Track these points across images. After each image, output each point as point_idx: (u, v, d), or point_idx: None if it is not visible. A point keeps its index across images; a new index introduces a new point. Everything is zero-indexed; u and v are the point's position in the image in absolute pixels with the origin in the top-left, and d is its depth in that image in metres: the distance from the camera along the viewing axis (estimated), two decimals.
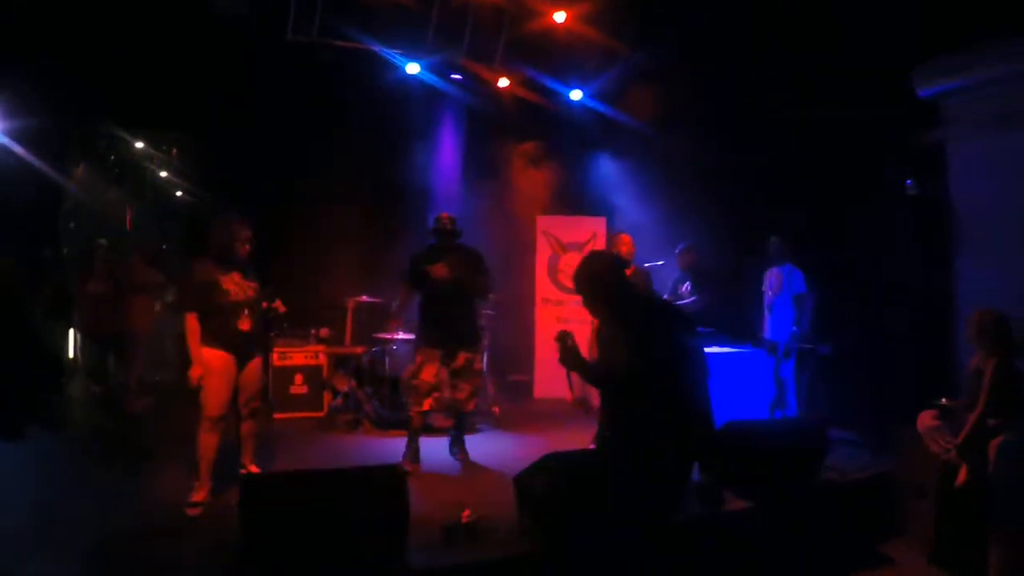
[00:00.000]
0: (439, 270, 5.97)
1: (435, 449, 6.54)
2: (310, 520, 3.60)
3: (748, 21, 7.65)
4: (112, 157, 10.63)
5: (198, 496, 4.94)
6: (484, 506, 4.61)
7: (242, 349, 5.09)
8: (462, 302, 6.18)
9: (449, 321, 6.12)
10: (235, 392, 5.11)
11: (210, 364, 4.96)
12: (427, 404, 6.14)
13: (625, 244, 6.73)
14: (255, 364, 5.23)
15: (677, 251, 7.97)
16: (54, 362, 8.26)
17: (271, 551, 3.54)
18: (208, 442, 4.99)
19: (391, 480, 3.87)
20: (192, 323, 4.99)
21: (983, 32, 6.30)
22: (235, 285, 5.07)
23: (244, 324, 5.09)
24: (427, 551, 4.07)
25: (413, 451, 6.20)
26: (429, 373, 6.10)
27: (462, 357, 6.18)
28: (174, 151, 11.17)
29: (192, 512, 4.86)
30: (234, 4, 7.52)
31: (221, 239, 5.08)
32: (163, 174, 11.65)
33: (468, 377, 6.26)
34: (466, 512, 4.38)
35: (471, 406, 6.42)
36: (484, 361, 7.68)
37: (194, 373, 4.92)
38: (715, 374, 7.05)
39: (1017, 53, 6.35)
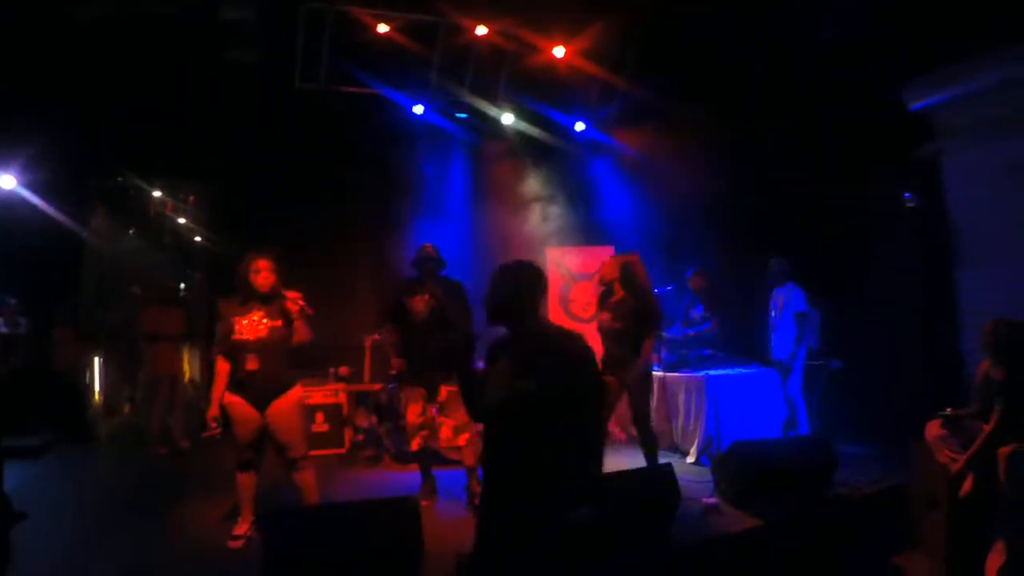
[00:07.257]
0: (417, 304, 5.93)
1: (456, 482, 6.50)
2: (328, 551, 3.73)
3: (742, 48, 7.82)
4: (130, 206, 10.94)
5: (240, 530, 5.10)
6: None
7: (256, 391, 5.01)
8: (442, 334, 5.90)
9: (427, 355, 5.87)
10: (268, 436, 5.08)
11: (229, 409, 5.00)
12: (415, 444, 6.02)
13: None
14: (280, 407, 5.07)
15: (687, 275, 8.08)
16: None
17: None
18: (241, 481, 5.13)
19: (405, 512, 3.98)
20: (218, 366, 5.05)
21: (964, 44, 6.40)
22: (250, 324, 5.01)
23: (250, 364, 4.98)
24: None
25: (428, 487, 6.21)
26: (413, 413, 5.98)
27: (444, 390, 6.00)
28: (191, 199, 11.47)
29: (234, 545, 5.02)
30: (244, 52, 7.81)
31: (240, 274, 5.08)
32: (181, 221, 11.94)
33: (455, 410, 5.94)
34: None
35: (471, 460, 5.91)
36: None
37: (209, 415, 4.97)
38: (727, 396, 7.19)
39: (998, 61, 6.44)
